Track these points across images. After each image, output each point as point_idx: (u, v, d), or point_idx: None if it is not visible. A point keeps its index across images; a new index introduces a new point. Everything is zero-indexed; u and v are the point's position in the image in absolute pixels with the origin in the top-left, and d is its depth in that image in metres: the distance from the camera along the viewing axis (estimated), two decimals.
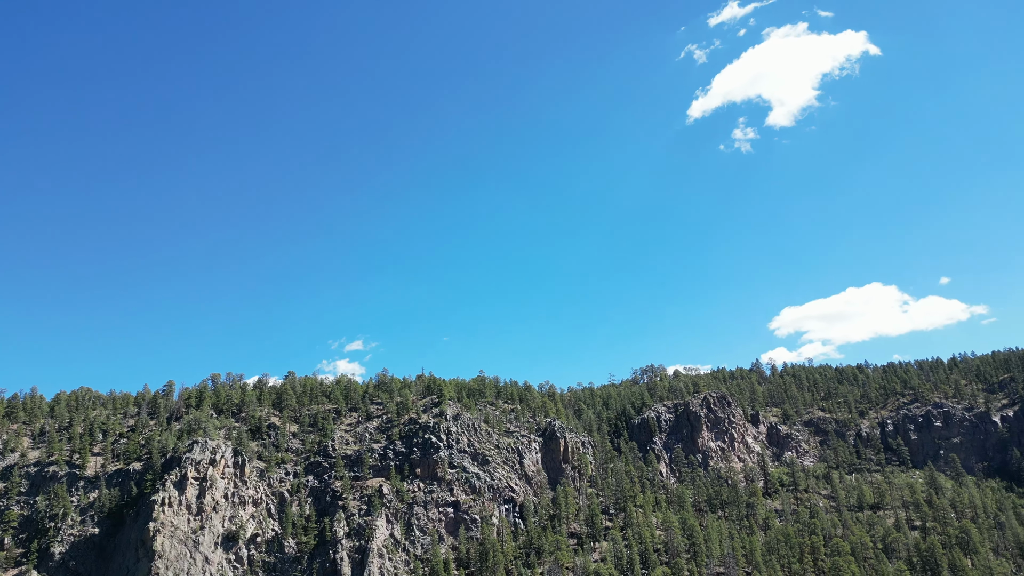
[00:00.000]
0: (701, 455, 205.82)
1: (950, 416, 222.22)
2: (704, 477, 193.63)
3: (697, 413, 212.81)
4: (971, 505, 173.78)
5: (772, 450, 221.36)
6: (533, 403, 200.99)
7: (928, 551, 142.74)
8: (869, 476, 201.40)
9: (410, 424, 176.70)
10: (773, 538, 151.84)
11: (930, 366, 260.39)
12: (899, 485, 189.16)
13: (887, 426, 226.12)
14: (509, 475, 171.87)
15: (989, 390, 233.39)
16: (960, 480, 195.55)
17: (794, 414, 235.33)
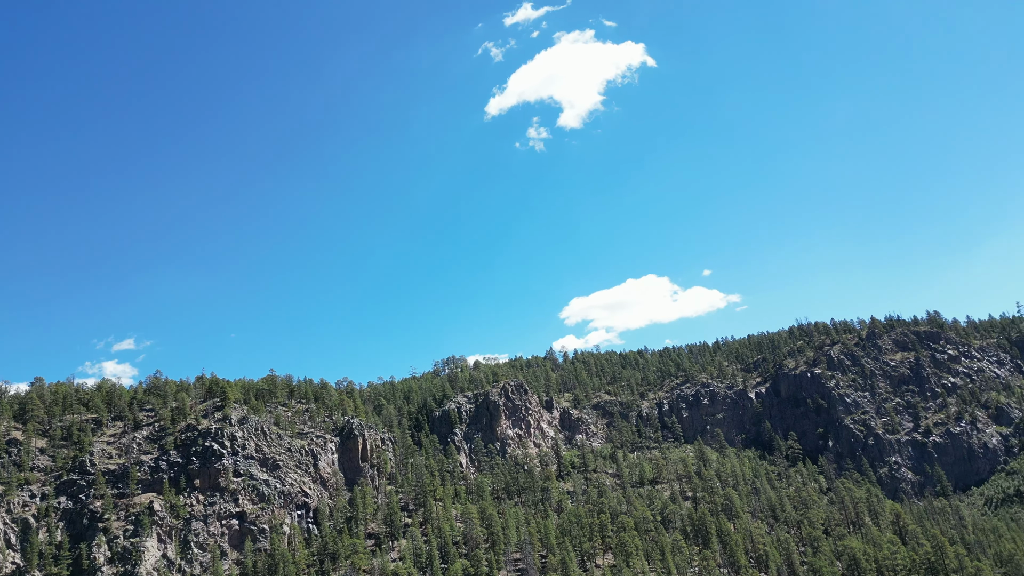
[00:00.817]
0: (500, 443, 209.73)
1: (715, 394, 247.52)
2: (503, 465, 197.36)
3: (496, 402, 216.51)
4: (733, 474, 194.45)
5: (565, 434, 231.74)
6: (330, 401, 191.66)
7: (699, 519, 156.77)
8: (649, 453, 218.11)
9: (188, 431, 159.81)
10: (566, 520, 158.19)
11: (698, 350, 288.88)
12: (674, 460, 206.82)
13: (664, 406, 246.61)
14: (302, 479, 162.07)
15: (746, 370, 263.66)
16: (724, 452, 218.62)
17: (584, 398, 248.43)
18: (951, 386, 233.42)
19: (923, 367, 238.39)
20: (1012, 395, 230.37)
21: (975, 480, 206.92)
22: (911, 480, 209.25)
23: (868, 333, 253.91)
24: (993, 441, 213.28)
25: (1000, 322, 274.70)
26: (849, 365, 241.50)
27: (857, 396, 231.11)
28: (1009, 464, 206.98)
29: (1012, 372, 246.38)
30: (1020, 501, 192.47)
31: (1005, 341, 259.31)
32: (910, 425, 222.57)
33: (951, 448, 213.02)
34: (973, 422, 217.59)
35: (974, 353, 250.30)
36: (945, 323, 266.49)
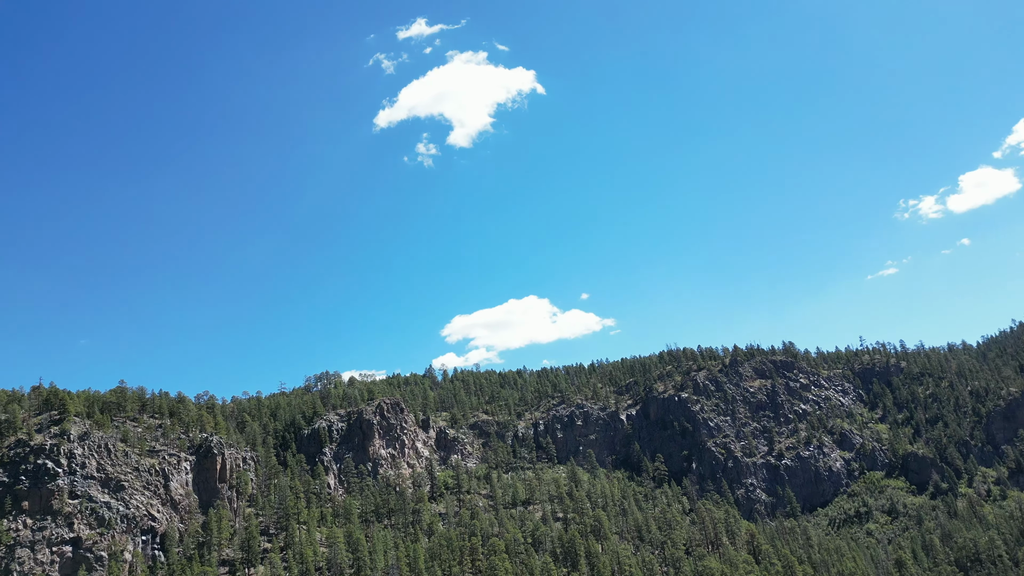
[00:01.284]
0: (372, 464, 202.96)
1: (589, 415, 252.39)
2: (373, 486, 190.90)
3: (370, 421, 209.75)
4: (603, 495, 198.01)
5: (440, 454, 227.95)
6: (187, 417, 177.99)
7: (569, 541, 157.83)
8: (523, 474, 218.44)
9: (18, 447, 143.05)
10: (436, 543, 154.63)
11: (575, 371, 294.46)
12: (547, 481, 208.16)
13: (540, 426, 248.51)
14: (150, 501, 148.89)
15: (619, 392, 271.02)
16: (595, 473, 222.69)
17: (461, 418, 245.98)
18: (802, 412, 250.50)
19: (778, 394, 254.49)
20: (854, 422, 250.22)
21: (821, 501, 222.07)
22: (765, 501, 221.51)
23: (731, 360, 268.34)
24: (837, 465, 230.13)
25: (845, 354, 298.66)
26: (713, 390, 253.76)
27: (719, 420, 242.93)
28: (850, 487, 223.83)
29: (855, 401, 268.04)
30: (859, 521, 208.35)
31: (849, 372, 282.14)
32: (765, 449, 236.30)
33: (800, 471, 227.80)
34: (820, 447, 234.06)
35: (823, 382, 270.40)
36: (799, 353, 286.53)
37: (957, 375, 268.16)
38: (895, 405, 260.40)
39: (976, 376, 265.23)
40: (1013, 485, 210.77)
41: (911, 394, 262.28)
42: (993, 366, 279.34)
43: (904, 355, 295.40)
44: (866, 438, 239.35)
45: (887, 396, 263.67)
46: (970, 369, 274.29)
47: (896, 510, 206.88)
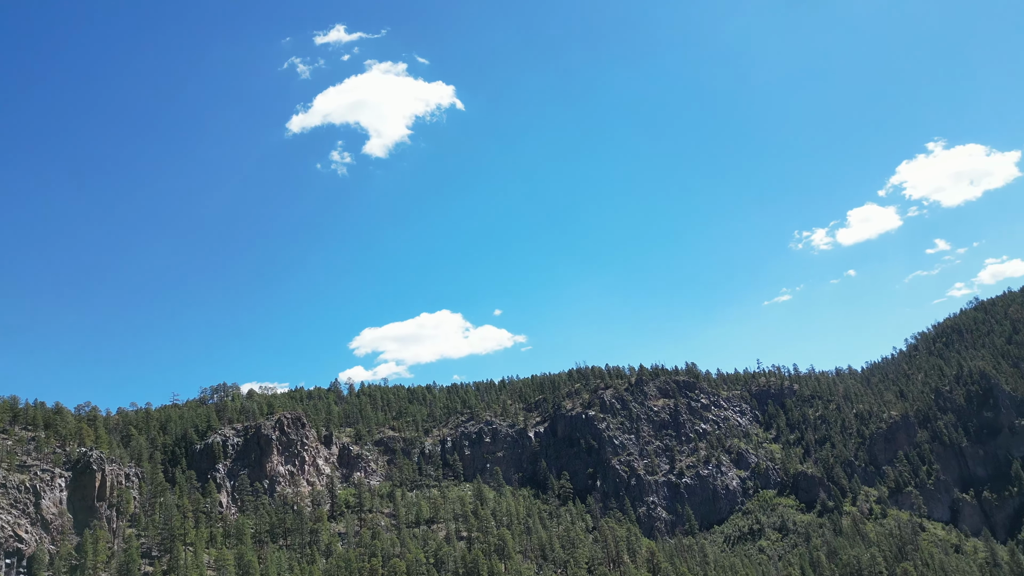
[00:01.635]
0: (269, 481, 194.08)
1: (497, 432, 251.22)
2: (269, 505, 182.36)
3: (269, 436, 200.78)
4: (508, 513, 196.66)
5: (343, 471, 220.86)
6: (64, 429, 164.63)
7: (472, 561, 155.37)
8: (428, 492, 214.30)
9: None
10: (334, 564, 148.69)
11: (485, 387, 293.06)
12: (452, 499, 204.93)
13: (447, 443, 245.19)
14: (17, 521, 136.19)
15: (528, 409, 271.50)
16: (501, 491, 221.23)
17: (367, 434, 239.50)
18: (702, 432, 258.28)
19: (681, 413, 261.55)
20: (750, 442, 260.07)
21: (718, 519, 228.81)
22: (665, 519, 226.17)
23: (637, 380, 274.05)
24: (733, 483, 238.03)
25: (743, 376, 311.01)
26: (619, 409, 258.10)
27: (624, 438, 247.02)
28: (745, 504, 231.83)
29: (751, 421, 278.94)
30: (753, 538, 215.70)
31: (747, 393, 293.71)
32: (667, 467, 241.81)
33: (699, 489, 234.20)
34: (719, 465, 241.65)
35: (722, 403, 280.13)
36: (700, 374, 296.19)
37: (844, 398, 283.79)
38: (788, 426, 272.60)
39: (861, 399, 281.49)
40: (892, 504, 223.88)
41: (802, 416, 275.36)
42: (876, 390, 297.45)
43: (797, 378, 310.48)
44: (761, 457, 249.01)
45: (781, 417, 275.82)
46: (855, 393, 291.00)
47: (787, 527, 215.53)
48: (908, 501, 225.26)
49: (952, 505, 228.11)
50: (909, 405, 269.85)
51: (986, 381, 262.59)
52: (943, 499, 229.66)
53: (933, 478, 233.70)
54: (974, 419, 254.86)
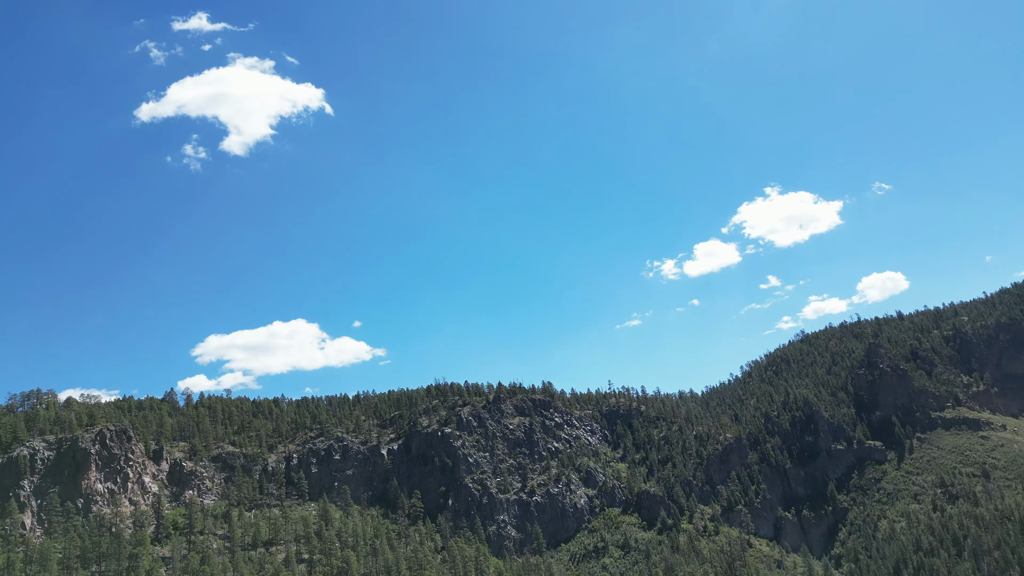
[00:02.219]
0: (84, 500, 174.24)
1: (348, 449, 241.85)
2: (84, 527, 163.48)
3: (87, 450, 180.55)
4: (354, 534, 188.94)
5: (173, 489, 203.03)
6: None
7: None
8: (268, 512, 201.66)
9: None
10: None
11: (338, 402, 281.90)
12: (295, 519, 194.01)
13: (293, 460, 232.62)
14: None
15: (382, 425, 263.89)
16: (348, 511, 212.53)
17: (203, 449, 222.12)
18: (555, 450, 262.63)
19: (535, 432, 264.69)
20: (599, 461, 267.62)
21: (565, 537, 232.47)
22: (515, 537, 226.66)
23: (494, 397, 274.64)
24: (581, 502, 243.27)
25: (595, 396, 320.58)
26: (476, 426, 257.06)
27: (479, 456, 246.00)
28: (592, 522, 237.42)
29: (601, 440, 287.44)
30: (597, 556, 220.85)
31: (598, 413, 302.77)
32: (519, 485, 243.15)
33: (549, 507, 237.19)
34: (568, 484, 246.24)
35: (575, 422, 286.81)
36: (556, 393, 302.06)
37: (686, 420, 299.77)
38: (634, 445, 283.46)
39: (700, 422, 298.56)
40: (725, 521, 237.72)
41: (647, 436, 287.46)
42: (714, 414, 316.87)
43: (644, 399, 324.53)
44: (608, 476, 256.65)
45: (628, 437, 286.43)
46: (696, 415, 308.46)
47: (629, 545, 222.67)
48: (738, 519, 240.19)
49: (776, 523, 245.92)
50: (742, 428, 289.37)
51: (808, 408, 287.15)
52: (768, 517, 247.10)
53: (760, 497, 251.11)
54: (797, 443, 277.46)
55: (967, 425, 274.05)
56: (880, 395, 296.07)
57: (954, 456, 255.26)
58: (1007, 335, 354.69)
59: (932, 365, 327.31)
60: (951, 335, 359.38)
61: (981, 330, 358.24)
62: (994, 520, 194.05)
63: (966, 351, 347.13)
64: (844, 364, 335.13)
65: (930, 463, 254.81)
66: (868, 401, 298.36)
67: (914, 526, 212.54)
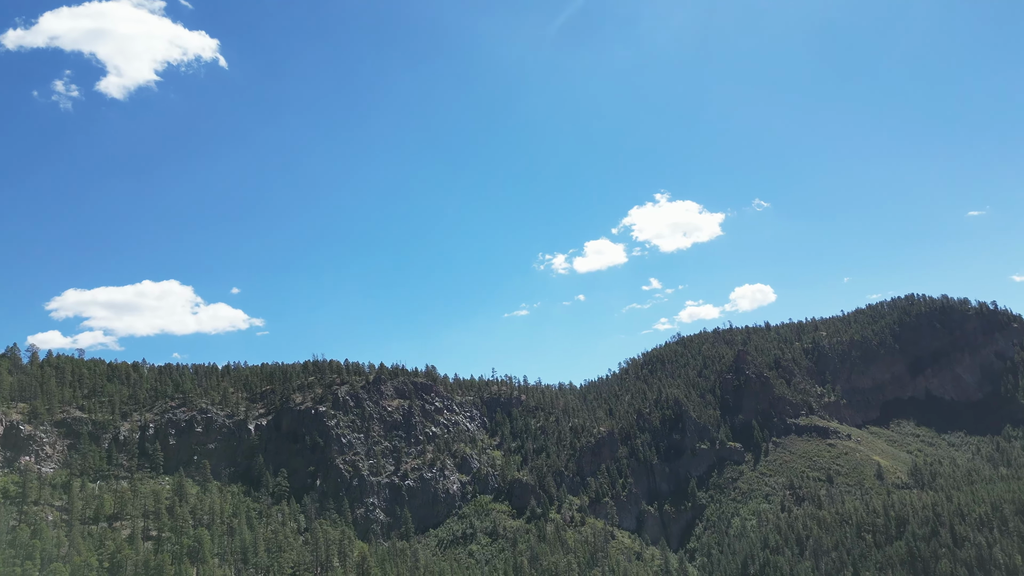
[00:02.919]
0: None
1: (212, 422, 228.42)
2: None
3: None
4: (210, 512, 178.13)
5: (6, 454, 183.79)
6: None
7: (157, 565, 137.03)
8: (116, 484, 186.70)
9: None
10: None
11: (206, 371, 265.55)
12: (145, 493, 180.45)
13: (149, 430, 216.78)
14: None
15: (252, 399, 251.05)
16: (206, 487, 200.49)
17: (45, 412, 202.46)
18: (432, 435, 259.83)
19: (414, 415, 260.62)
20: (476, 447, 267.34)
21: (435, 523, 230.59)
22: (383, 521, 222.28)
23: (375, 378, 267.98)
24: (454, 487, 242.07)
25: (478, 383, 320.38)
26: (352, 406, 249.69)
27: (353, 437, 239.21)
28: (462, 509, 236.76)
29: (479, 427, 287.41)
30: (465, 543, 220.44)
31: (479, 400, 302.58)
32: (392, 468, 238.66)
33: (421, 492, 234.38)
34: (442, 469, 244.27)
35: (455, 407, 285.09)
36: (438, 377, 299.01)
37: (563, 412, 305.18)
38: (511, 434, 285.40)
39: (577, 414, 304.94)
40: (591, 513, 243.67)
41: (525, 425, 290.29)
42: (590, 407, 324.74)
43: (525, 389, 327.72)
44: (483, 463, 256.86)
45: (506, 425, 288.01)
46: (573, 407, 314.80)
47: (498, 532, 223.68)
48: (605, 510, 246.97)
49: (639, 516, 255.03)
50: (615, 423, 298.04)
51: (678, 407, 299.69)
52: (632, 510, 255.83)
53: (627, 490, 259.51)
54: (665, 440, 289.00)
55: (817, 433, 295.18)
56: (744, 400, 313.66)
57: (804, 461, 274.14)
58: (858, 352, 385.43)
59: (792, 375, 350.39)
60: (810, 348, 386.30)
61: (836, 345, 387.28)
62: (834, 522, 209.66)
63: (822, 364, 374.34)
64: (714, 368, 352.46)
65: (782, 466, 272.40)
66: (733, 404, 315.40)
67: (763, 525, 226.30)
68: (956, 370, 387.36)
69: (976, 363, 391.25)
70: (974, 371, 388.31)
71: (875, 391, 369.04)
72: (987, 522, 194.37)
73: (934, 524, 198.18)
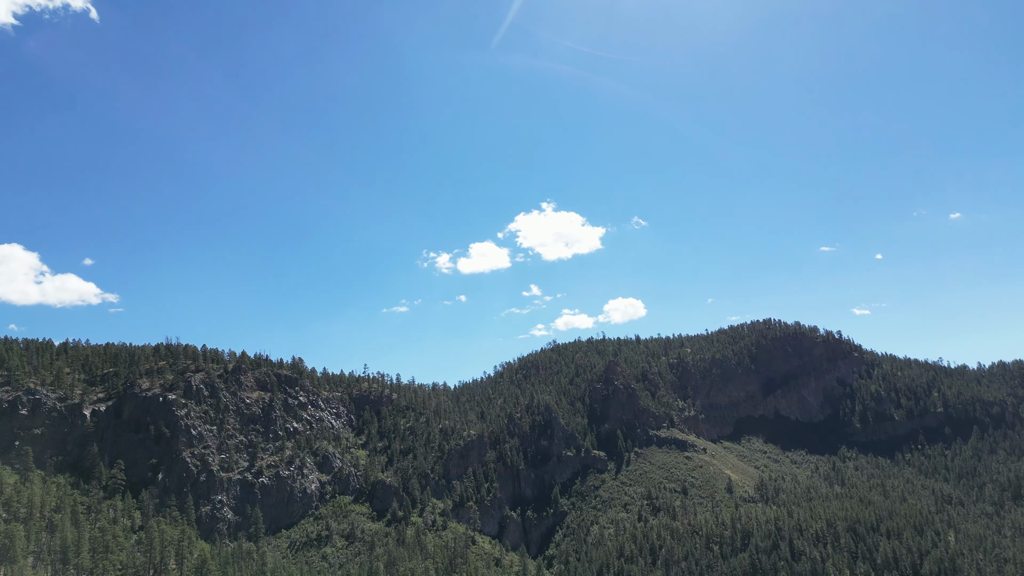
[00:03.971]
0: None
1: (40, 404, 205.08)
2: None
3: None
4: (29, 504, 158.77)
5: None
6: None
7: None
8: None
9: None
10: None
11: (38, 347, 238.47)
12: None
13: None
14: None
15: (90, 382, 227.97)
16: (27, 476, 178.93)
17: None
18: (293, 430, 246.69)
19: (275, 409, 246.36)
20: (340, 446, 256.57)
21: (288, 523, 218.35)
22: (231, 520, 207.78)
23: (235, 367, 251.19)
24: (313, 487, 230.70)
25: (348, 378, 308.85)
26: (207, 396, 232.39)
27: (204, 429, 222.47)
28: (320, 509, 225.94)
29: (345, 425, 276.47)
30: (319, 545, 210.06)
31: (347, 396, 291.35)
32: (246, 464, 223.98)
33: (275, 490, 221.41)
34: (301, 467, 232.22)
35: (321, 403, 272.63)
36: (305, 370, 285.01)
37: (434, 413, 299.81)
38: (379, 433, 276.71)
39: (448, 416, 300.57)
40: (454, 517, 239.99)
41: (394, 425, 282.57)
42: (463, 409, 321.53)
43: (397, 387, 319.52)
44: (346, 463, 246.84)
45: (375, 424, 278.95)
46: (445, 409, 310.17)
47: (355, 535, 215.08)
48: (468, 515, 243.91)
49: (501, 521, 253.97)
50: (486, 426, 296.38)
51: (548, 414, 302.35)
52: (496, 515, 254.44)
53: (492, 495, 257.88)
54: (533, 446, 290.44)
55: (676, 445, 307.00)
56: (611, 409, 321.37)
57: (662, 472, 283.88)
58: (718, 370, 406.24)
59: (657, 388, 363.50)
60: (675, 363, 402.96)
61: (699, 363, 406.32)
62: (686, 533, 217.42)
63: (685, 379, 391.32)
64: (585, 377, 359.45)
65: (642, 476, 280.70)
66: (600, 413, 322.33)
67: (620, 533, 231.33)
68: (802, 392, 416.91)
69: (820, 387, 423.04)
70: (818, 394, 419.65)
71: (731, 408, 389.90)
72: (822, 538, 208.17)
73: (775, 538, 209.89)
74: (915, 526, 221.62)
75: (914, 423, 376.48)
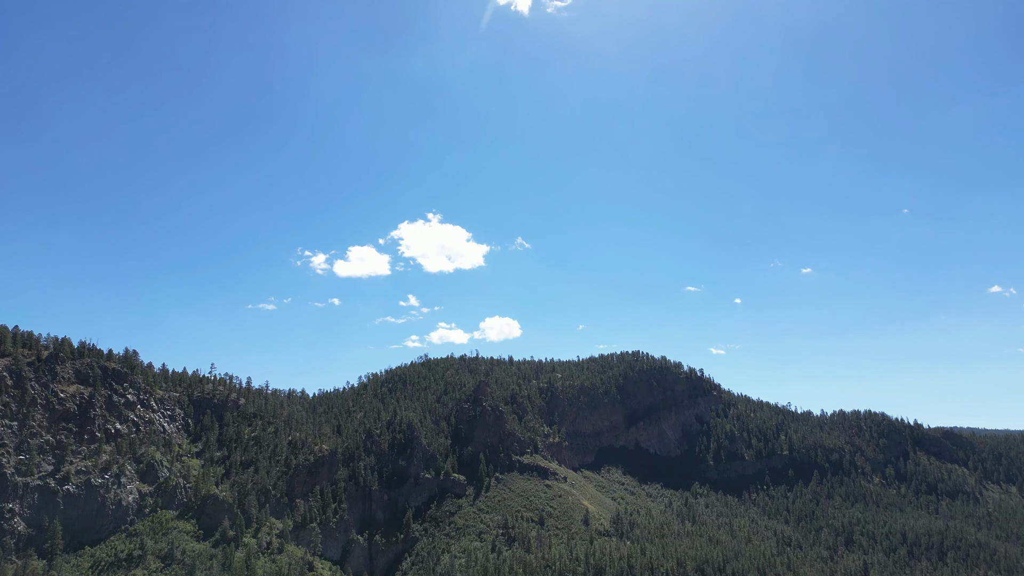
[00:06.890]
0: None
1: None
2: None
3: None
4: None
5: None
6: None
7: None
8: None
9: None
10: None
11: None
12: None
13: None
14: None
15: None
16: None
17: None
18: (115, 432, 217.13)
19: (95, 406, 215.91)
20: (170, 454, 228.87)
21: (94, 540, 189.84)
22: (22, 534, 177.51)
23: (52, 355, 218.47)
24: (131, 498, 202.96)
25: (190, 378, 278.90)
26: (11, 386, 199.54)
27: (1, 424, 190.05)
28: (136, 525, 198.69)
29: (180, 429, 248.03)
30: (129, 566, 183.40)
31: (186, 398, 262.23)
32: (50, 468, 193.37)
33: (83, 501, 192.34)
34: (119, 475, 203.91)
35: (153, 403, 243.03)
36: (139, 365, 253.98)
37: (285, 423, 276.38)
38: (218, 442, 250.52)
39: (301, 427, 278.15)
40: (294, 539, 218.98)
41: (237, 433, 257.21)
42: (318, 421, 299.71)
43: (247, 392, 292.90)
44: (174, 473, 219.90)
45: (215, 431, 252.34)
46: (298, 419, 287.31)
47: (173, 556, 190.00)
48: (308, 537, 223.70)
49: (346, 545, 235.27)
50: (341, 441, 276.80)
51: (410, 432, 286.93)
52: (340, 539, 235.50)
53: (338, 517, 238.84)
54: (390, 465, 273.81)
55: (538, 472, 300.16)
56: (476, 431, 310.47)
57: (521, 500, 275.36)
58: (585, 397, 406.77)
59: (525, 411, 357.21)
60: (545, 388, 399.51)
61: (568, 389, 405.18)
62: (538, 567, 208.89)
63: (553, 404, 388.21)
64: (454, 395, 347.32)
65: (500, 503, 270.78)
66: (465, 435, 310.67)
67: (471, 565, 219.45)
68: (663, 426, 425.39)
69: (680, 422, 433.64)
70: (677, 429, 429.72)
71: (594, 437, 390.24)
72: None
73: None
74: (758, 568, 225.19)
75: (762, 464, 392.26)
